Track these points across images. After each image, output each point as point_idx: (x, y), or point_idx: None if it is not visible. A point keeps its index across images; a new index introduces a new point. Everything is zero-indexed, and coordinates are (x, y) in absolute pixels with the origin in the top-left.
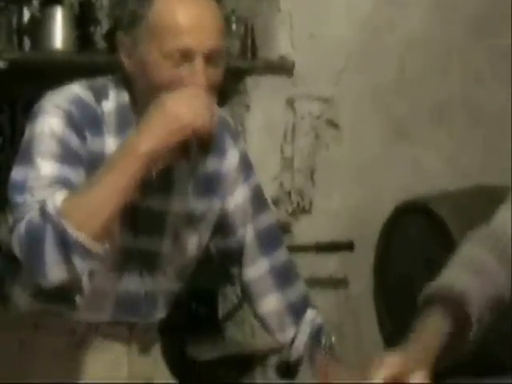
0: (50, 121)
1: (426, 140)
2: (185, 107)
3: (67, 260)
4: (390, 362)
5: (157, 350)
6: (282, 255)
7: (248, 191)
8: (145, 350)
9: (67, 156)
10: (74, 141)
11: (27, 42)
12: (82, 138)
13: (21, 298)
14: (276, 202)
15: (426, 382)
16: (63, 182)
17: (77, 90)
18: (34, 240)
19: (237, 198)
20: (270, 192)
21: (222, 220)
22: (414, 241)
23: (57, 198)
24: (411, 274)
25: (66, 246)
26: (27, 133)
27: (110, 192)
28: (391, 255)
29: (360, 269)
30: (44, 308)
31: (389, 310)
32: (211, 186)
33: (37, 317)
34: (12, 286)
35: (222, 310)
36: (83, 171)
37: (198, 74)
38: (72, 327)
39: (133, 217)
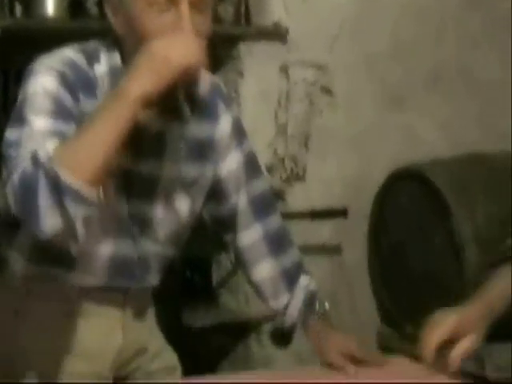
0: (42, 80)
1: (420, 107)
2: (173, 48)
3: (60, 205)
4: (445, 324)
5: (151, 317)
6: (275, 221)
7: (241, 157)
8: (139, 315)
9: (61, 112)
10: (67, 99)
11: (19, 9)
12: (76, 98)
13: (17, 262)
14: (270, 169)
15: (473, 347)
16: (57, 135)
17: (69, 53)
18: (27, 189)
19: (230, 164)
20: (263, 159)
21: (215, 186)
22: (408, 208)
23: (48, 147)
24: (405, 240)
25: (58, 191)
26: (20, 95)
27: (102, 136)
28: (385, 222)
29: (354, 236)
30: (39, 272)
31: (383, 276)
32: (204, 151)
33: (30, 284)
34: (9, 251)
35: (216, 277)
36: (76, 127)
37: (184, 18)
38: (65, 294)
39: (125, 181)
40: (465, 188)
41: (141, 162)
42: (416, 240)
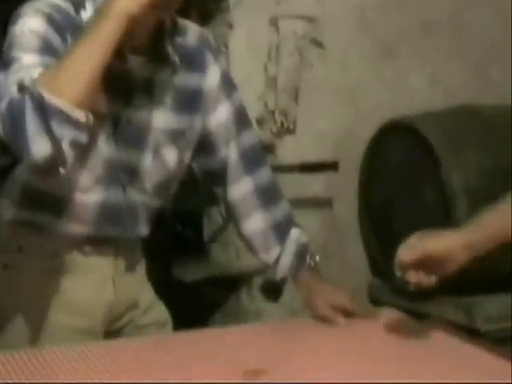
0: (30, 21)
1: (412, 59)
2: None
3: (47, 128)
4: (418, 249)
5: (142, 271)
6: (265, 174)
7: (230, 109)
8: (130, 269)
9: (48, 49)
10: (55, 39)
11: None
12: (64, 38)
13: (8, 210)
14: (260, 122)
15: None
16: (44, 67)
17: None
18: (14, 115)
19: (219, 116)
20: (253, 112)
21: (204, 139)
22: (399, 160)
23: (34, 72)
24: (396, 193)
25: (44, 114)
26: (7, 38)
27: (88, 53)
28: (376, 175)
29: (345, 189)
30: (29, 219)
31: (373, 229)
32: (192, 102)
33: (21, 239)
34: None
35: (206, 231)
36: None
37: None
38: (56, 248)
39: (114, 128)
40: (456, 140)
41: (130, 110)
42: (407, 193)
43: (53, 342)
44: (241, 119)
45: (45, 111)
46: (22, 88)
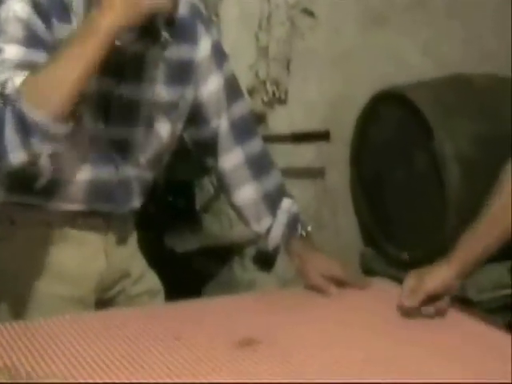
0: (14, 6)
1: (403, 28)
2: None
3: (26, 142)
4: (421, 292)
5: (134, 241)
6: (256, 145)
7: (222, 80)
8: (122, 240)
9: (32, 40)
10: (39, 26)
11: None
12: (48, 24)
13: None
14: (251, 92)
15: (446, 306)
16: (28, 65)
17: None
18: None
19: (210, 87)
20: (245, 82)
21: (195, 109)
22: (391, 130)
23: (16, 79)
24: (388, 162)
25: (24, 128)
26: None
27: (71, 67)
28: (368, 144)
29: (337, 158)
30: (20, 201)
31: (365, 198)
32: (184, 74)
33: (13, 214)
34: None
35: (199, 201)
36: (48, 55)
37: None
38: (48, 220)
39: (105, 104)
40: (447, 109)
41: (121, 86)
42: (398, 162)
43: (45, 312)
44: (232, 89)
45: (25, 127)
46: (2, 95)
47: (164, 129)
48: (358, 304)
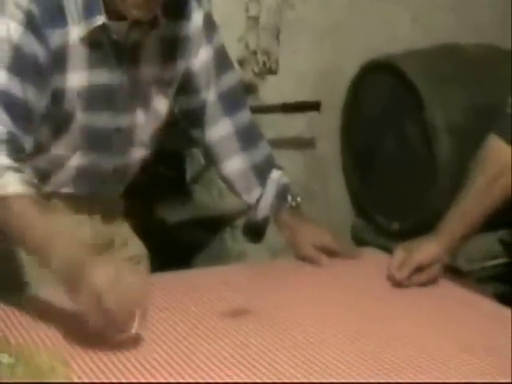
0: (7, 25)
1: None
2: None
3: None
4: (410, 263)
5: (119, 210)
6: (245, 116)
7: (212, 51)
8: (109, 209)
9: (20, 67)
10: (31, 45)
11: None
12: (42, 38)
13: None
14: (242, 63)
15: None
16: (9, 102)
17: None
18: None
19: (200, 58)
20: (235, 52)
21: (186, 80)
22: (381, 100)
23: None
24: (378, 132)
25: None
26: None
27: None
28: (358, 114)
29: (327, 129)
30: None
31: (356, 169)
32: (178, 50)
33: None
34: None
35: (189, 172)
36: (34, 86)
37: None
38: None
39: (107, 97)
40: (438, 79)
41: (119, 75)
42: (389, 132)
43: (37, 283)
44: (221, 61)
45: None
46: None
47: (162, 106)
48: (348, 273)
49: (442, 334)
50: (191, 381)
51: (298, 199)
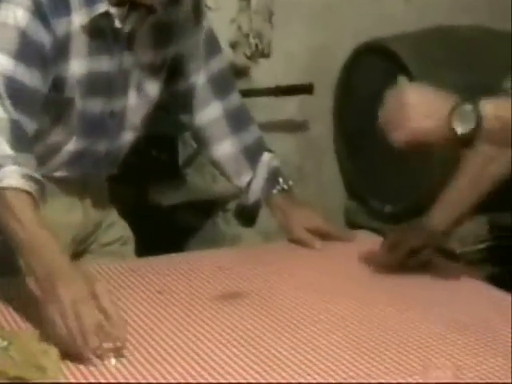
0: (14, 12)
1: None
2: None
3: None
4: (404, 246)
5: (106, 193)
6: (235, 99)
7: (201, 34)
8: (98, 191)
9: (27, 54)
10: (38, 32)
11: None
12: (48, 25)
13: None
14: (234, 46)
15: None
16: (13, 88)
17: None
18: None
19: (190, 42)
20: (227, 35)
21: (175, 64)
22: (374, 82)
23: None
24: (371, 114)
25: None
26: None
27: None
28: (351, 97)
29: (320, 111)
30: None
31: (349, 151)
32: (169, 34)
33: None
34: None
35: (182, 155)
36: (39, 72)
37: None
38: None
39: (102, 83)
40: (430, 61)
41: (117, 61)
42: None
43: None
44: (210, 44)
45: None
46: None
47: (153, 90)
48: (341, 256)
49: (432, 315)
50: (184, 364)
51: (290, 182)
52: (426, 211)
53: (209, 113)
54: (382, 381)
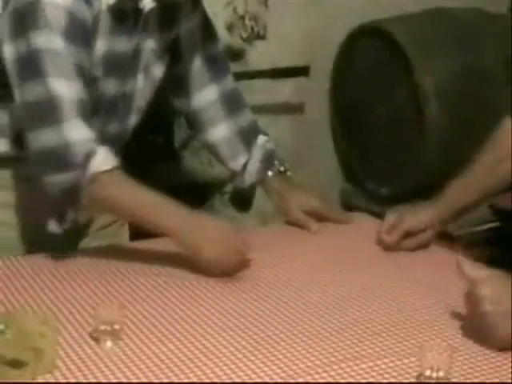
0: None
1: None
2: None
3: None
4: (407, 227)
5: None
6: (229, 83)
7: (198, 18)
8: None
9: (74, 32)
10: (82, 13)
11: None
12: (89, 5)
13: None
14: (230, 28)
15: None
16: (75, 69)
17: None
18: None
19: (188, 25)
20: (223, 17)
21: (173, 47)
22: (370, 64)
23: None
24: (367, 97)
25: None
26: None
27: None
28: (347, 79)
29: (316, 93)
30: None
31: (345, 134)
32: (173, 16)
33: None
34: None
35: (178, 138)
36: (85, 50)
37: None
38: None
39: (123, 64)
40: (426, 43)
41: (133, 42)
42: (378, 96)
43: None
44: (207, 29)
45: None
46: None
47: (158, 72)
48: (338, 238)
49: (429, 297)
50: (181, 347)
51: (286, 164)
52: (422, 194)
53: (204, 96)
54: (378, 362)
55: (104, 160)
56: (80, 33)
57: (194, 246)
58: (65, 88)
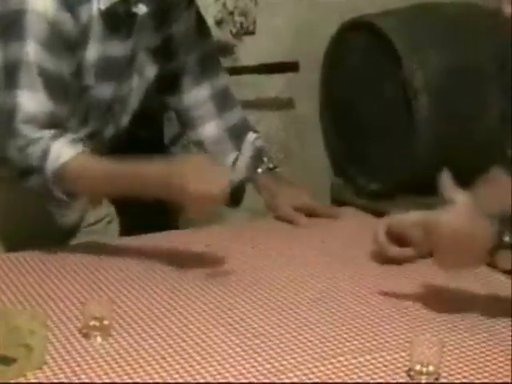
0: (45, 1)
1: None
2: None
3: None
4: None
5: None
6: (222, 80)
7: (192, 17)
8: None
9: (55, 43)
10: (66, 24)
11: None
12: (74, 15)
13: None
14: (219, 23)
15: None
16: (44, 77)
17: None
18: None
19: (182, 25)
20: (212, 13)
21: (167, 45)
22: (360, 59)
23: (64, 152)
24: (357, 92)
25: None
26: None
27: (111, 189)
28: (337, 74)
29: (306, 89)
30: None
31: (335, 129)
32: (165, 17)
33: None
34: None
35: (167, 134)
36: (66, 61)
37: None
38: None
39: (117, 68)
40: (416, 38)
41: (127, 45)
42: (368, 92)
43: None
44: (200, 26)
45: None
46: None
47: (152, 73)
48: (328, 233)
49: (422, 294)
50: (171, 342)
51: (275, 161)
52: (412, 188)
53: (196, 94)
54: (368, 357)
55: (58, 154)
56: (61, 43)
57: (180, 181)
58: (28, 100)
